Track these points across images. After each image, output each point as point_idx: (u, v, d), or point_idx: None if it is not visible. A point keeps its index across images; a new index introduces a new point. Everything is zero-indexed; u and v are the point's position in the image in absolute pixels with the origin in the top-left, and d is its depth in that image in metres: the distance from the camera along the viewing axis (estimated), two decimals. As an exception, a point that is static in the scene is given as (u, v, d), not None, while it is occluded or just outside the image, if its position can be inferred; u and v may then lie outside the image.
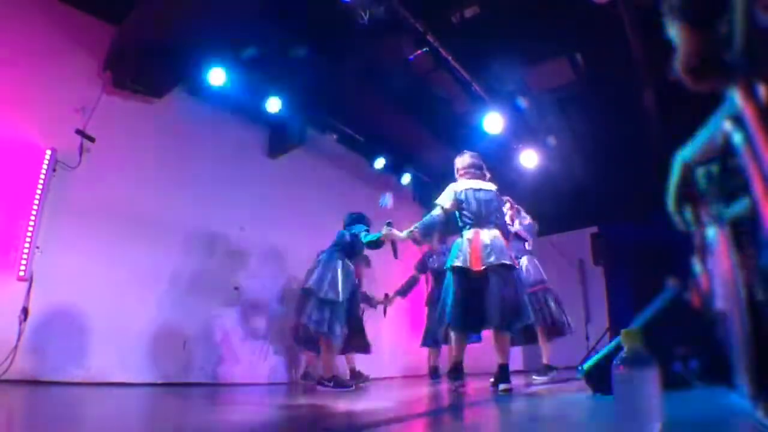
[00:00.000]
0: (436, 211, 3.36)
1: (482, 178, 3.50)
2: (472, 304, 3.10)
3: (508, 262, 3.18)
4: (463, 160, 3.58)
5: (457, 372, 3.18)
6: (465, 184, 3.40)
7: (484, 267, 3.11)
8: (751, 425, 0.98)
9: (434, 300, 5.04)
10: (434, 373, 5.13)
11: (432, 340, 5.07)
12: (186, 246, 4.49)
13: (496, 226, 3.36)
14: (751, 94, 0.64)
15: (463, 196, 3.34)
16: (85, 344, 3.65)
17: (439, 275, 4.89)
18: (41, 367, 3.40)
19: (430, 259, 5.29)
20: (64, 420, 2.11)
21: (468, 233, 3.24)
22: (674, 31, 0.71)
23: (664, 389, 0.92)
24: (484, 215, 3.30)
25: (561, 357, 5.96)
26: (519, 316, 3.14)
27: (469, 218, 3.29)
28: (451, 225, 3.51)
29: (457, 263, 3.16)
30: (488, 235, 3.23)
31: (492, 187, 3.48)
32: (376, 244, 3.80)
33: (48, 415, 2.18)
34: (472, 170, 3.50)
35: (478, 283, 3.12)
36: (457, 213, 3.38)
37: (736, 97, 0.67)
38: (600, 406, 1.84)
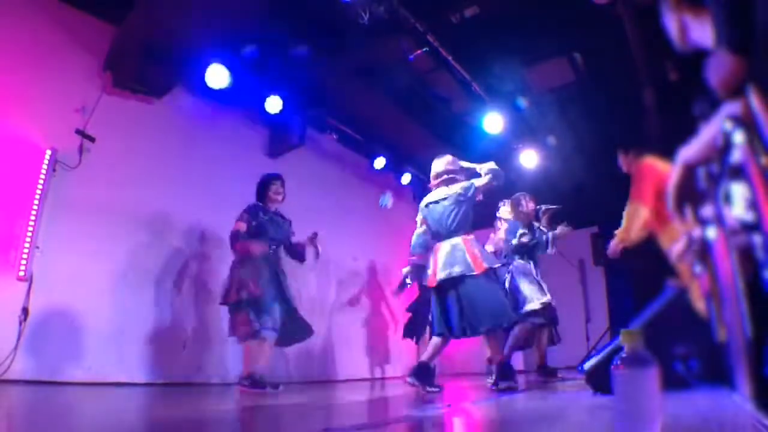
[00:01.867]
0: (419, 229, 3.40)
1: (450, 182, 3.33)
2: (442, 315, 3.17)
3: (464, 274, 3.03)
4: (435, 167, 3.46)
5: (426, 371, 3.18)
6: (429, 198, 3.39)
7: (438, 281, 3.14)
8: (751, 425, 0.98)
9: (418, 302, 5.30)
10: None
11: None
12: (186, 246, 4.49)
13: (465, 233, 3.22)
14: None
15: (425, 212, 3.35)
16: (85, 344, 3.65)
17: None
18: (41, 367, 3.40)
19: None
20: (63, 420, 2.11)
21: (435, 248, 3.27)
22: (716, 56, 0.71)
23: (664, 389, 0.92)
24: (445, 227, 3.23)
25: (561, 357, 5.97)
26: (490, 319, 3.03)
27: (433, 233, 3.31)
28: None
29: (424, 281, 3.30)
30: (448, 246, 3.16)
31: (456, 190, 3.26)
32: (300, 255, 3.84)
33: (48, 415, 2.18)
34: (444, 177, 3.38)
35: (441, 296, 3.18)
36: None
37: (751, 97, 0.67)
38: (600, 405, 1.84)
